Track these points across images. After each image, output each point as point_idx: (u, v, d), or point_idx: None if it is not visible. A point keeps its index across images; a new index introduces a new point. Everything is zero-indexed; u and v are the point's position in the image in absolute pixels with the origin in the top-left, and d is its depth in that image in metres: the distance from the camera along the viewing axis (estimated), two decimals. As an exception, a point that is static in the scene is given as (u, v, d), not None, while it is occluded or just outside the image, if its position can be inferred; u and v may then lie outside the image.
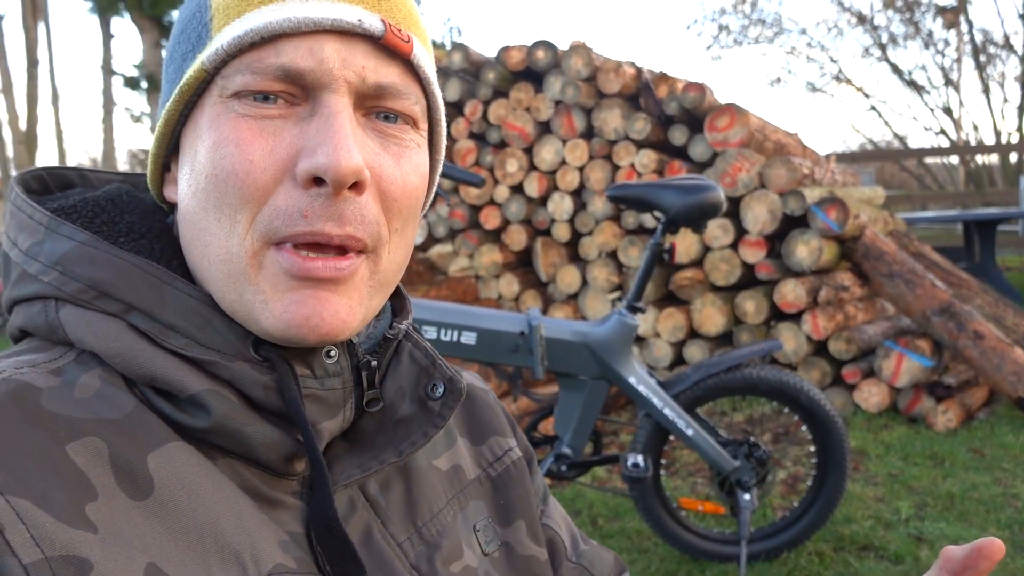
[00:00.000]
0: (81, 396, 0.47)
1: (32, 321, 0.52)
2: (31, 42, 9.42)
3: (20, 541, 0.40)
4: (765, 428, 3.49)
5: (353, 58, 0.50)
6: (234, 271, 0.50)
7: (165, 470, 0.46)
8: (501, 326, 2.16)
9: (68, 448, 0.44)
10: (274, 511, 0.51)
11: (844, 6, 16.08)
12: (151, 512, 0.45)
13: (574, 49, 4.29)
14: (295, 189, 0.48)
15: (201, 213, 0.50)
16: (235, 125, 0.49)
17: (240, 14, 0.49)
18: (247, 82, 0.49)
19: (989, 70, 15.08)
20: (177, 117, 0.52)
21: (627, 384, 2.19)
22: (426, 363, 0.59)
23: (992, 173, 15.27)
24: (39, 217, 0.52)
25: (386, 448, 0.56)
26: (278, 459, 0.51)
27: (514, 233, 4.49)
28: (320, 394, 0.53)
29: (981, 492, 2.83)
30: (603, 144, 4.21)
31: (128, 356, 0.48)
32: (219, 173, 0.49)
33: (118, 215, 0.55)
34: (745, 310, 3.86)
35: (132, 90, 10.68)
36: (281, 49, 0.49)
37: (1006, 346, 3.50)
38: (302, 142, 0.49)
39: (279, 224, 0.48)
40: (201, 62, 0.49)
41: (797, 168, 3.84)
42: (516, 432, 0.75)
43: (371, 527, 0.56)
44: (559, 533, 0.73)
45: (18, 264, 0.53)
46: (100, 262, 0.50)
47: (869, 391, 3.68)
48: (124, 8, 10.07)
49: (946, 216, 7.27)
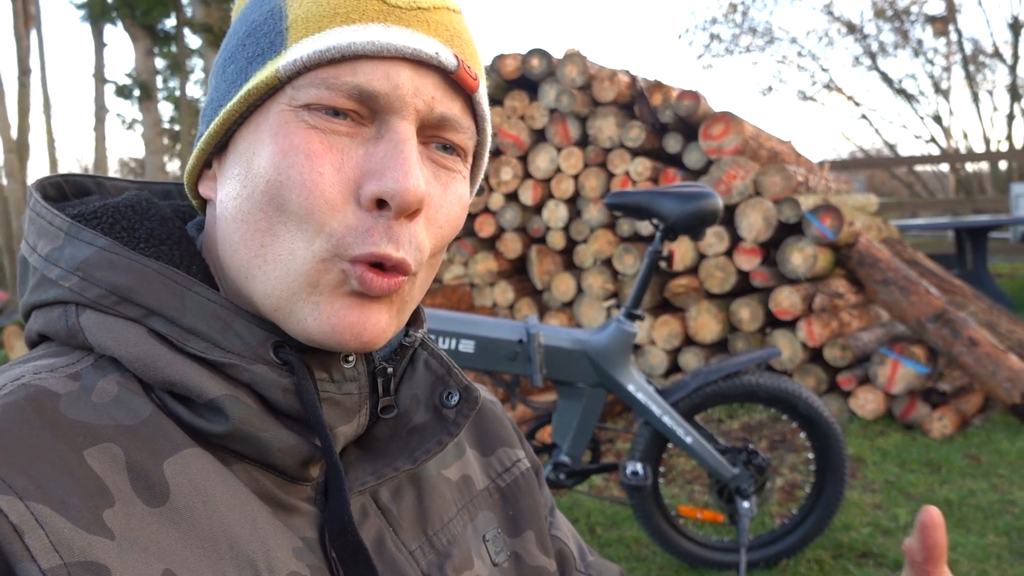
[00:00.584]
0: (99, 401, 0.47)
1: (51, 326, 0.52)
2: (23, 51, 9.38)
3: (39, 547, 0.40)
4: (761, 435, 3.49)
5: (424, 88, 0.51)
6: (294, 272, 0.50)
7: (181, 477, 0.47)
8: (499, 334, 2.16)
9: (85, 454, 0.44)
10: (289, 517, 0.51)
11: (834, 15, 16.21)
12: (167, 519, 0.45)
13: (569, 57, 4.30)
14: (360, 210, 0.50)
15: (259, 214, 0.51)
16: (306, 136, 0.50)
17: (320, 29, 0.50)
18: (321, 96, 0.50)
19: (978, 79, 15.21)
20: (236, 117, 0.53)
21: (626, 392, 2.18)
22: (441, 371, 0.60)
23: (982, 180, 15.38)
24: (59, 223, 0.53)
25: (400, 455, 0.56)
26: (294, 464, 0.52)
27: (509, 241, 4.49)
28: (337, 398, 0.54)
29: (978, 499, 2.84)
30: (598, 152, 4.22)
31: (147, 361, 0.49)
32: (285, 180, 0.49)
33: (138, 221, 0.56)
34: (740, 317, 3.86)
35: (124, 99, 10.63)
36: (358, 69, 0.50)
37: (1000, 352, 3.52)
38: (369, 164, 0.50)
39: (351, 241, 0.49)
40: (277, 69, 0.50)
41: (792, 176, 3.85)
42: (524, 443, 0.76)
43: (383, 535, 0.56)
44: (567, 544, 0.74)
45: (37, 269, 0.53)
46: (121, 267, 0.51)
47: (865, 398, 3.69)
48: (116, 17, 10.04)
49: (938, 223, 7.30)
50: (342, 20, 0.50)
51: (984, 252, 6.31)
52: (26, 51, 9.37)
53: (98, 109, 10.33)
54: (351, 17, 0.50)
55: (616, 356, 2.18)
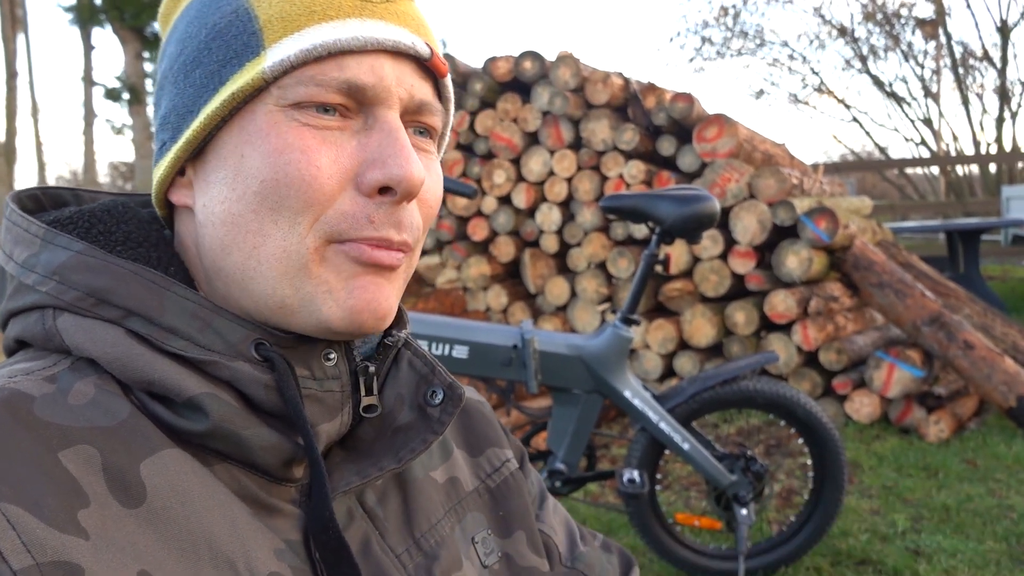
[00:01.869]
0: (75, 403, 0.47)
1: (29, 331, 0.52)
2: (10, 54, 9.32)
3: (10, 547, 0.40)
4: (757, 440, 3.46)
5: (404, 77, 0.54)
6: (292, 267, 0.51)
7: (158, 477, 0.46)
8: (494, 339, 2.12)
9: (60, 455, 0.44)
10: (271, 519, 0.51)
11: (825, 19, 16.26)
12: (144, 520, 0.45)
13: (562, 60, 4.27)
14: (359, 196, 0.52)
15: (251, 216, 0.52)
16: (299, 133, 0.51)
17: (299, 28, 0.51)
18: (310, 93, 0.51)
19: (968, 82, 15.27)
20: (217, 121, 0.53)
21: (622, 398, 2.15)
22: (425, 370, 0.60)
23: (972, 183, 15.44)
24: (35, 230, 0.53)
25: (385, 455, 0.56)
26: (276, 463, 0.52)
27: (502, 244, 4.45)
28: (319, 395, 0.54)
29: (976, 504, 2.81)
30: (591, 155, 4.19)
31: (126, 361, 0.49)
32: (282, 178, 0.50)
33: (115, 225, 0.56)
34: (735, 321, 3.84)
35: (113, 102, 10.60)
36: (344, 65, 0.51)
37: (996, 355, 3.50)
38: (365, 154, 0.52)
39: (346, 227, 0.51)
40: (263, 70, 0.51)
41: (786, 178, 3.84)
42: (509, 437, 0.77)
43: (369, 538, 0.56)
44: (553, 537, 0.74)
45: (14, 277, 0.53)
46: (98, 270, 0.51)
47: (860, 402, 3.67)
48: (105, 20, 9.98)
49: (930, 226, 7.31)
50: (319, 18, 0.52)
51: (976, 254, 6.31)
52: (13, 54, 9.31)
53: (87, 113, 10.27)
54: (328, 14, 0.52)
55: (612, 361, 2.15)
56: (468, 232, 4.54)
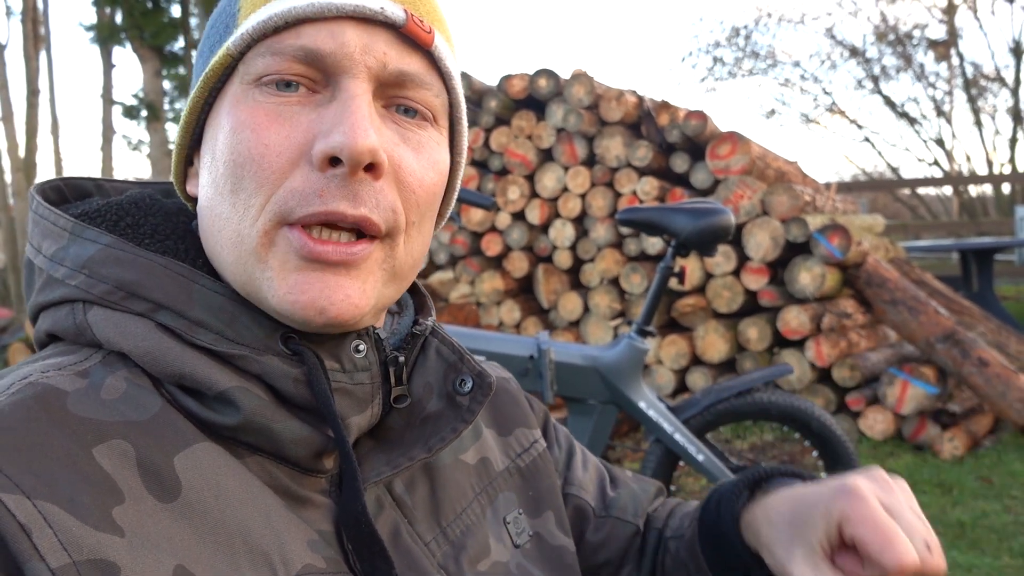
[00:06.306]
0: (108, 398, 0.47)
1: (59, 324, 0.52)
2: (32, 71, 9.46)
3: (47, 545, 0.40)
4: (771, 456, 3.46)
5: (375, 45, 0.51)
6: (244, 252, 0.50)
7: (192, 471, 0.46)
8: (510, 350, 2.15)
9: (95, 451, 0.44)
10: (303, 510, 0.51)
11: (837, 39, 16.31)
12: (179, 514, 0.45)
13: (576, 77, 4.32)
14: (312, 172, 0.49)
15: (218, 199, 0.51)
16: (252, 111, 0.50)
17: (266, 1, 0.51)
18: (268, 64, 0.50)
19: (980, 102, 15.26)
20: (201, 106, 0.53)
21: (637, 409, 2.17)
22: (454, 359, 0.60)
23: (985, 203, 15.38)
24: (63, 223, 0.53)
25: (415, 445, 0.56)
26: (307, 455, 0.51)
27: (515, 260, 4.48)
28: (349, 388, 0.53)
29: (992, 520, 2.80)
30: (605, 171, 4.23)
31: (157, 355, 0.48)
32: (236, 158, 0.49)
33: (142, 218, 0.55)
34: (748, 337, 3.84)
35: (131, 119, 10.70)
36: (302, 32, 0.50)
37: (1011, 373, 3.49)
38: (318, 126, 0.49)
39: (294, 204, 0.49)
40: (227, 47, 0.51)
41: (799, 195, 3.86)
42: (533, 406, 0.76)
43: (399, 527, 0.55)
44: (583, 497, 0.74)
45: (43, 270, 0.53)
46: (127, 263, 0.51)
47: (874, 418, 3.66)
48: (125, 39, 10.12)
49: (945, 245, 7.30)
50: None
51: (990, 274, 6.28)
52: (35, 72, 9.45)
53: (105, 129, 10.39)
54: None
55: (627, 373, 2.16)
56: (482, 247, 4.58)
